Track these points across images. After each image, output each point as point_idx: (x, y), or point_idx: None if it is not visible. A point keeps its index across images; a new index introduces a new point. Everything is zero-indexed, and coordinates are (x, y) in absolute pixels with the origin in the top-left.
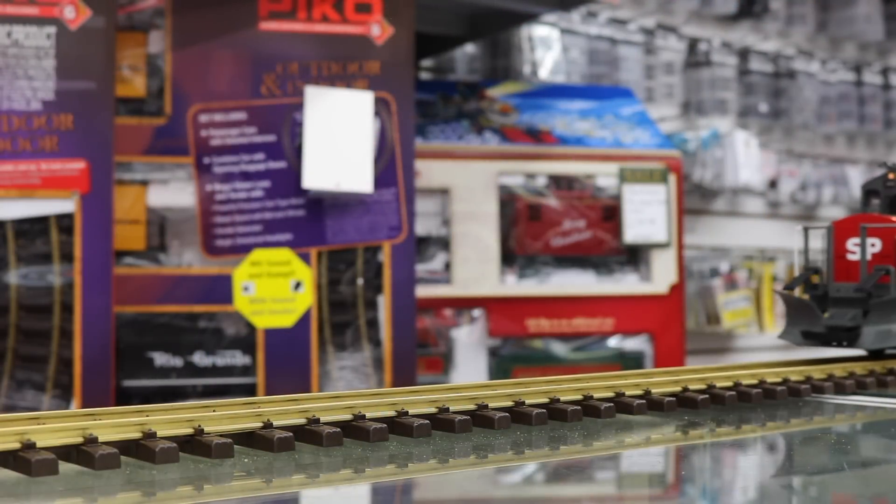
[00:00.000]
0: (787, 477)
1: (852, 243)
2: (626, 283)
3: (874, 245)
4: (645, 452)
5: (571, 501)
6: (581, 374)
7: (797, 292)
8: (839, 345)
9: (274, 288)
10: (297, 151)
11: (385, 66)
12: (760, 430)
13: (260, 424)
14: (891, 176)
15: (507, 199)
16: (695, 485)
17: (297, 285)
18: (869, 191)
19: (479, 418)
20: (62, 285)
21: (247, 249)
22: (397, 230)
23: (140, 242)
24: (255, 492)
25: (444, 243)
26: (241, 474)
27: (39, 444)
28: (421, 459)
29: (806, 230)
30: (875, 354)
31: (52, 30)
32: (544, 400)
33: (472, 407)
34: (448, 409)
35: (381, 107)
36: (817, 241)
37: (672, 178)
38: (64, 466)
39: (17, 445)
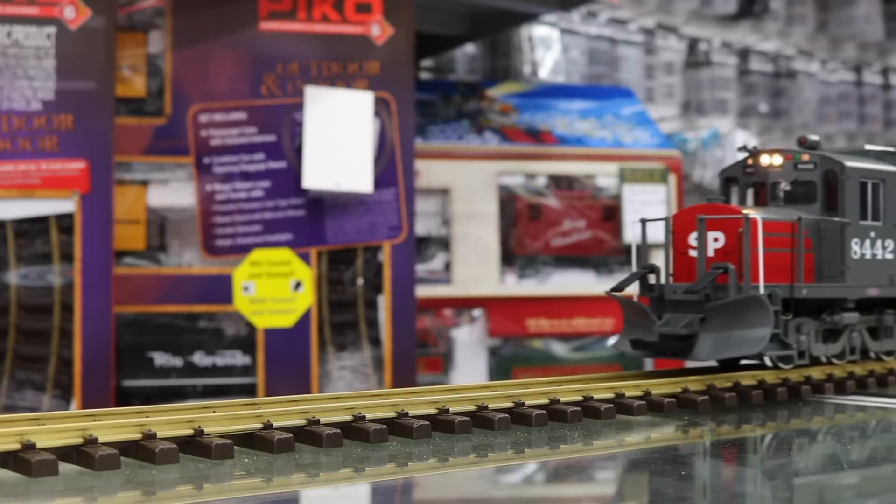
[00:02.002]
0: (785, 477)
1: (693, 238)
2: None
3: (717, 240)
4: (645, 452)
5: (571, 501)
6: (581, 375)
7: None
8: (673, 356)
9: (274, 288)
10: (297, 151)
11: (385, 66)
12: (760, 429)
13: (260, 425)
14: (750, 161)
15: (507, 199)
16: (694, 484)
17: (297, 285)
18: (727, 178)
19: (479, 419)
20: (62, 285)
21: (247, 249)
22: (397, 230)
23: (140, 242)
24: (255, 491)
25: (444, 243)
26: (241, 474)
27: (39, 444)
28: (421, 459)
29: (644, 222)
30: (726, 364)
31: (52, 30)
32: (544, 401)
33: (472, 408)
34: (448, 409)
35: (381, 107)
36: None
37: (672, 178)
38: (64, 467)
39: (17, 446)
